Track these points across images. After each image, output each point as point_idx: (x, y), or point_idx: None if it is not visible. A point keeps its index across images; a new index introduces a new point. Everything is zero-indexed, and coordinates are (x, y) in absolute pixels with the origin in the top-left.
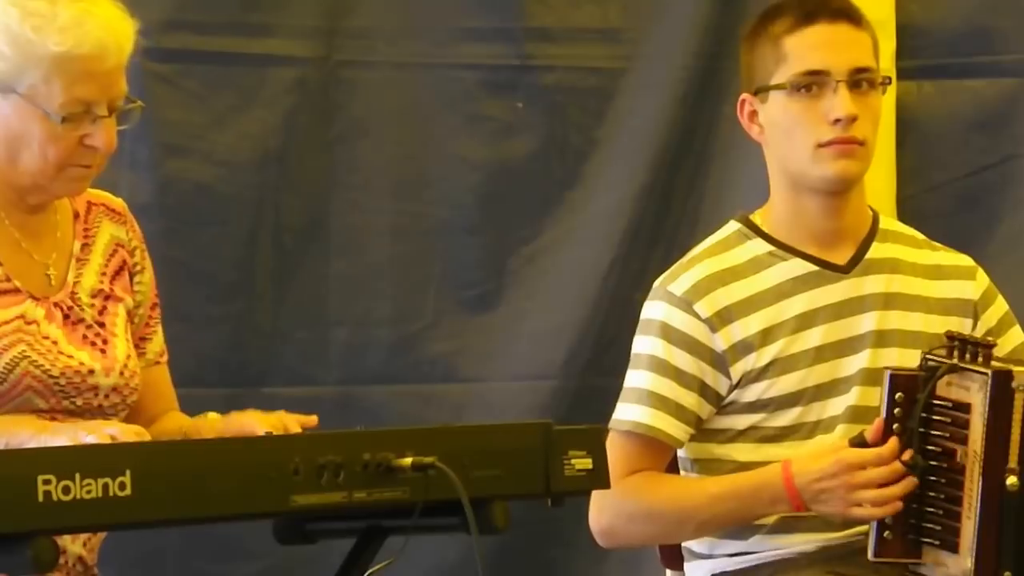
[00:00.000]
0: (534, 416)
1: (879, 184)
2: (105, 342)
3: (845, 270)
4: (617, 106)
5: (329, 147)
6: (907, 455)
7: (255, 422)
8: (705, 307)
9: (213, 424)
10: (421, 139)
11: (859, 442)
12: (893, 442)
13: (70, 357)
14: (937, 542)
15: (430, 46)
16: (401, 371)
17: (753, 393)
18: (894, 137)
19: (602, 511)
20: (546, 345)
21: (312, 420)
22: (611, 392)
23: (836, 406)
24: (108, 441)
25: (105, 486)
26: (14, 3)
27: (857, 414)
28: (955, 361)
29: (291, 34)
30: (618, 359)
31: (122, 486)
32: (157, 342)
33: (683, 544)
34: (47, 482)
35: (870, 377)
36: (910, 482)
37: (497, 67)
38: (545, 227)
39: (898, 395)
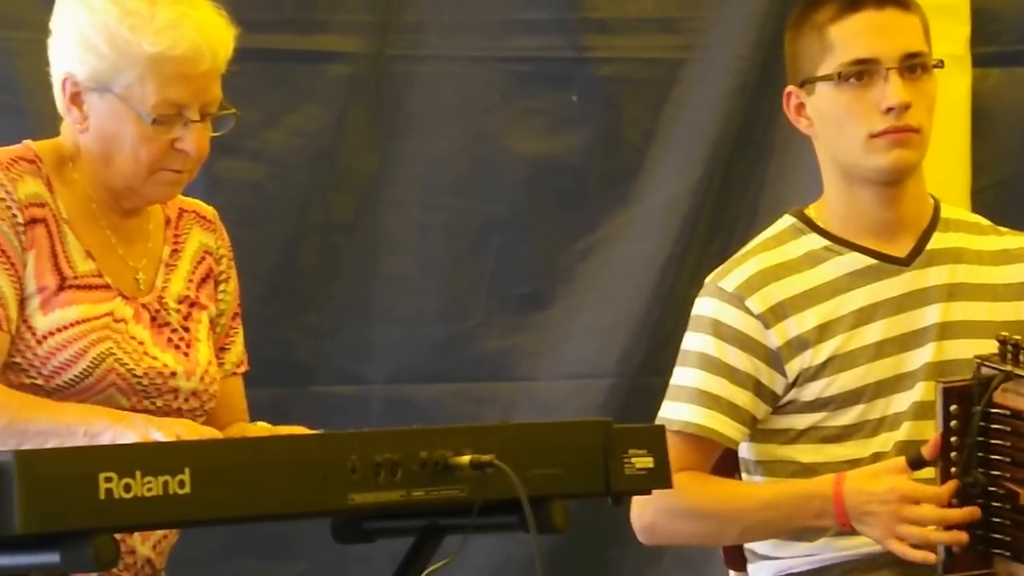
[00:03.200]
0: (587, 415)
1: (952, 176)
2: (189, 346)
3: (906, 262)
4: (674, 98)
5: (380, 143)
6: (969, 477)
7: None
8: (758, 303)
9: (263, 432)
10: (474, 134)
11: (917, 460)
12: (950, 486)
13: (154, 358)
14: (1008, 553)
15: (484, 39)
16: (451, 370)
17: (812, 391)
18: (969, 127)
19: (645, 507)
20: (599, 343)
21: None
22: (666, 390)
23: (900, 402)
24: (173, 439)
25: (165, 484)
26: (114, 2)
27: (923, 410)
28: (1010, 367)
29: (344, 30)
30: (674, 357)
31: (181, 484)
32: (235, 352)
33: (746, 545)
34: (108, 480)
35: (935, 371)
36: (971, 511)
37: (552, 59)
38: (599, 222)
39: (953, 407)
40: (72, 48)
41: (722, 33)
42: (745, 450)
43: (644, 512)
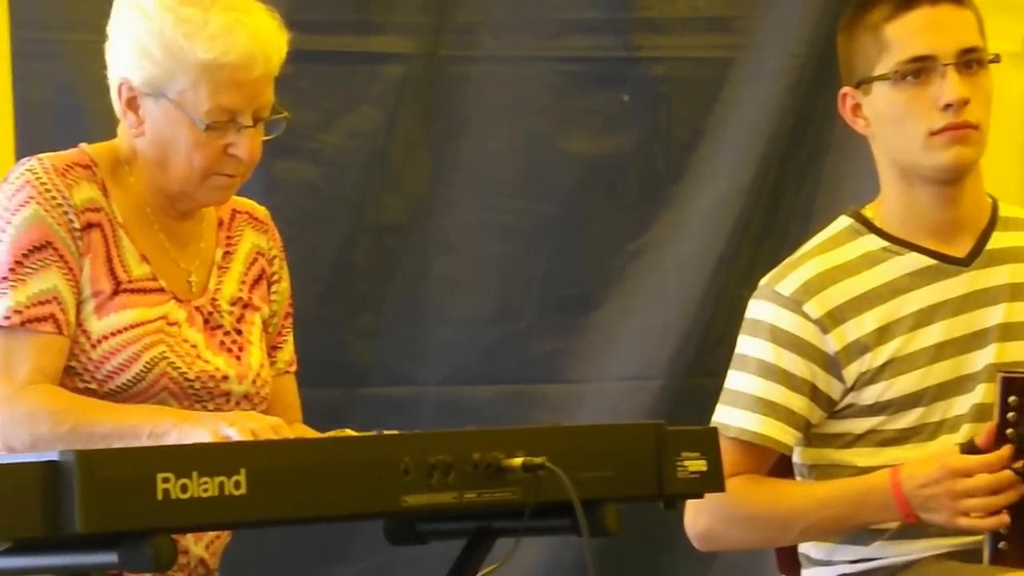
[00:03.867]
0: (638, 417)
1: (1008, 174)
2: (241, 349)
3: (965, 263)
4: (725, 97)
5: (433, 144)
6: (1020, 463)
7: None
8: (815, 307)
9: None
10: (525, 134)
11: (970, 448)
12: (1005, 450)
13: (207, 362)
14: None
15: (536, 39)
16: (503, 371)
17: (871, 395)
18: None
19: (699, 514)
20: (651, 344)
21: None
22: (718, 392)
23: (961, 405)
24: (248, 436)
25: (221, 485)
26: (168, 8)
27: (984, 412)
28: None
29: (398, 31)
30: (725, 359)
31: (237, 485)
32: (287, 351)
33: (800, 550)
34: (166, 480)
35: (997, 373)
36: (1021, 491)
37: (603, 59)
38: (651, 223)
39: (1011, 399)
40: (128, 54)
41: (774, 32)
42: (798, 455)
43: (699, 519)
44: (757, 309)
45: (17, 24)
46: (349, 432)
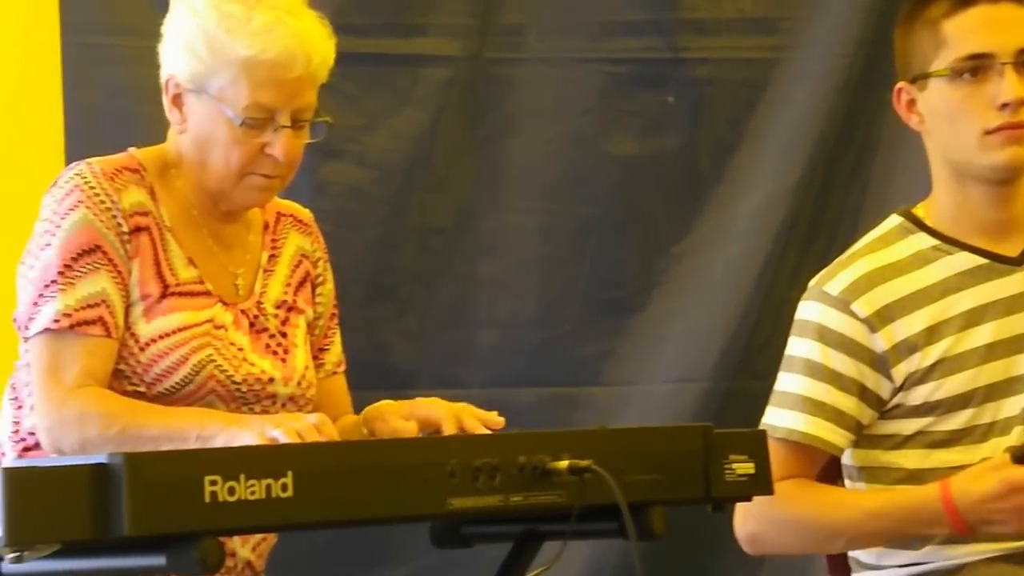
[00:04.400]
0: (683, 419)
1: None
2: (286, 352)
3: (1017, 262)
4: (771, 97)
5: (478, 146)
6: None
7: (438, 409)
8: (864, 306)
9: (396, 409)
10: (570, 136)
11: (1021, 454)
12: None
13: (252, 365)
14: None
15: (581, 41)
16: (548, 373)
17: (919, 396)
18: None
19: (748, 517)
20: (697, 347)
21: (494, 419)
22: (765, 395)
23: (1012, 407)
24: (294, 437)
25: (268, 487)
26: (215, 6)
27: None
28: None
29: (443, 33)
30: (772, 361)
31: (284, 487)
32: (335, 352)
33: (850, 554)
34: (213, 483)
35: None
36: None
37: (648, 60)
38: (696, 224)
39: None
40: (176, 50)
41: (820, 32)
42: (847, 456)
43: (747, 522)
44: (806, 310)
45: (68, 29)
46: (389, 401)
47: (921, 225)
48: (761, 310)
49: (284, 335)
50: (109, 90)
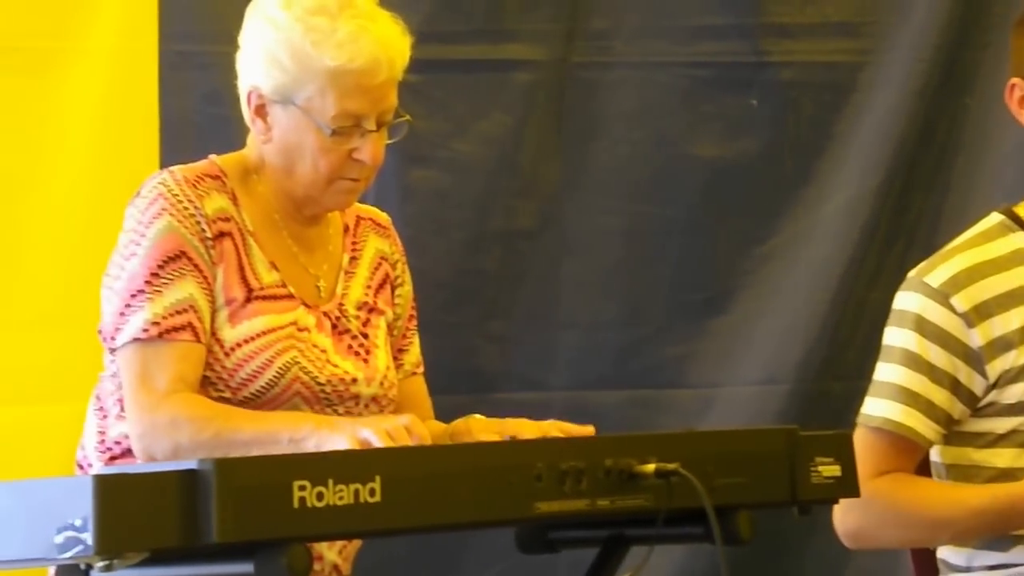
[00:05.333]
0: (767, 421)
1: None
2: (368, 352)
3: None
4: (853, 101)
5: (564, 149)
6: None
7: (526, 429)
8: (963, 301)
9: (485, 426)
10: (655, 139)
11: None
12: None
13: (336, 366)
14: None
15: (666, 45)
16: (631, 376)
17: (1014, 394)
18: None
19: (849, 511)
20: (780, 348)
21: (585, 432)
22: (848, 396)
23: None
24: (385, 437)
25: (356, 492)
26: (298, 18)
27: None
28: None
29: (530, 38)
30: (855, 362)
31: (372, 492)
32: (414, 353)
33: (939, 555)
34: (302, 488)
35: None
36: None
37: (733, 64)
38: (779, 226)
39: None
40: (258, 63)
41: (903, 36)
42: (936, 453)
43: (848, 517)
44: (904, 300)
45: (166, 37)
46: (478, 417)
47: (1021, 224)
48: (843, 311)
49: (366, 336)
50: (205, 97)
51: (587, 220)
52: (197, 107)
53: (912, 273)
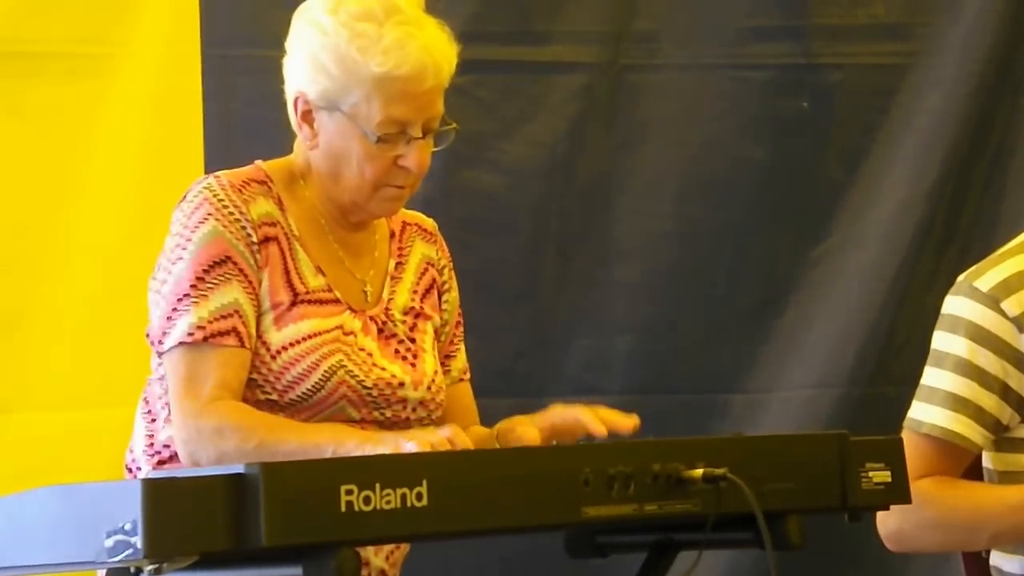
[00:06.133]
0: (820, 426)
1: None
2: (415, 356)
3: None
4: (903, 103)
5: (613, 152)
6: None
7: (574, 409)
8: (1013, 305)
9: (527, 418)
10: (705, 142)
11: None
12: None
13: (383, 369)
14: None
15: (716, 47)
16: (684, 380)
17: None
18: None
19: (890, 514)
20: (833, 352)
21: (629, 423)
22: (901, 400)
23: None
24: (428, 449)
25: (403, 496)
26: (344, 24)
27: None
28: None
29: (578, 40)
30: (908, 366)
31: (419, 496)
32: (460, 359)
33: (992, 563)
34: (349, 492)
35: None
36: None
37: (783, 66)
38: (830, 229)
39: None
40: (305, 69)
41: (953, 38)
42: (988, 460)
43: (889, 519)
44: (954, 304)
45: (208, 41)
46: (518, 418)
47: None
48: (896, 315)
49: (412, 340)
50: (249, 100)
51: (638, 223)
52: (241, 111)
53: (962, 278)
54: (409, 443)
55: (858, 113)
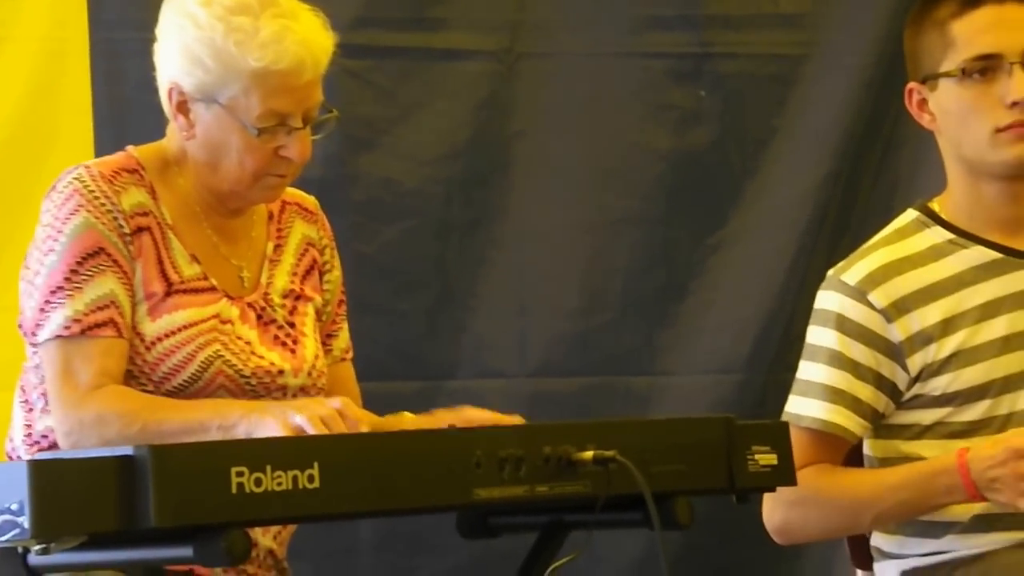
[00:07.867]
0: (721, 410)
1: None
2: (295, 342)
3: None
4: (799, 93)
5: (514, 139)
6: None
7: (457, 417)
8: (880, 297)
9: (415, 422)
10: (605, 130)
11: None
12: None
13: (261, 358)
14: None
15: (613, 35)
16: (588, 364)
17: (937, 387)
18: None
19: (775, 507)
20: (733, 338)
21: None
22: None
23: None
24: (317, 422)
25: (295, 478)
26: (220, 18)
27: None
28: None
29: (476, 27)
30: None
31: (311, 478)
32: (343, 338)
33: (872, 543)
34: (240, 474)
35: None
36: None
37: (679, 55)
38: (729, 217)
39: None
40: (179, 60)
41: (848, 28)
42: (868, 447)
43: (774, 512)
44: (824, 299)
45: (97, 25)
46: (408, 416)
47: (937, 219)
48: (794, 303)
49: (292, 325)
50: (138, 84)
51: (539, 211)
52: (130, 95)
53: (831, 272)
54: (297, 416)
55: (755, 102)
